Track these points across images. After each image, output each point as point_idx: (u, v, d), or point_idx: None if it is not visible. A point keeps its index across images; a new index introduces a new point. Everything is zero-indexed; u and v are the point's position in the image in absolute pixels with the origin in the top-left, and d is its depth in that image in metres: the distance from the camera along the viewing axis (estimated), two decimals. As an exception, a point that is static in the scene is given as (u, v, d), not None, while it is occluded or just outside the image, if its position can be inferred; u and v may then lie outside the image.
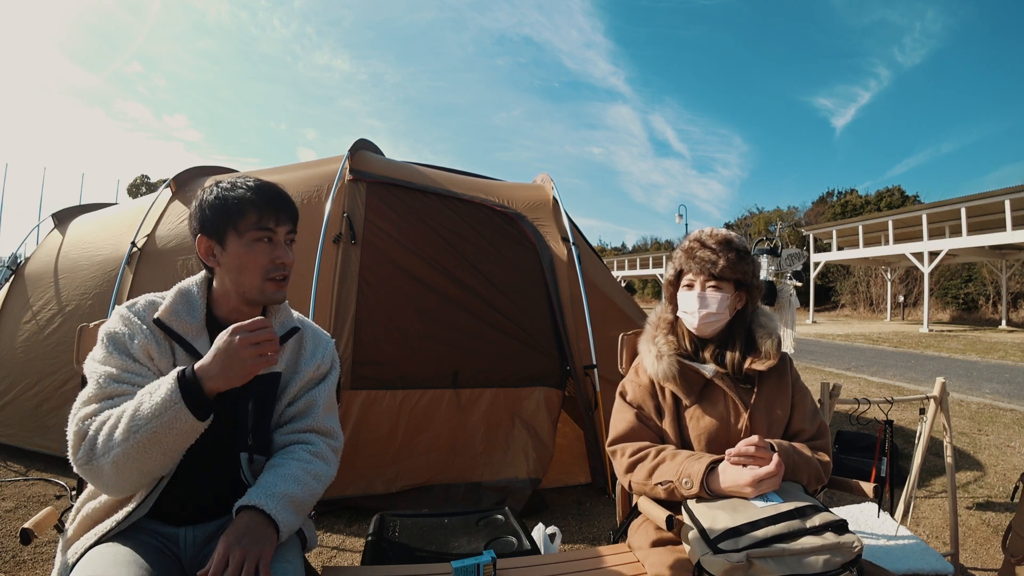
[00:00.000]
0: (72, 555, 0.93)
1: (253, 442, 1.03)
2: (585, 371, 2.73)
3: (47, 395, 3.06)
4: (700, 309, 1.25)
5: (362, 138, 3.24)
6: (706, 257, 1.26)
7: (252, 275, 1.01)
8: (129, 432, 0.83)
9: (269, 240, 1.01)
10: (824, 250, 20.52)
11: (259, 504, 0.89)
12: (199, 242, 1.01)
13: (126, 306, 1.01)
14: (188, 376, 0.85)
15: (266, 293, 1.03)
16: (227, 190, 1.01)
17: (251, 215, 0.99)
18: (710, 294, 1.25)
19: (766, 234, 26.84)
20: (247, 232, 0.99)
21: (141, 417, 0.83)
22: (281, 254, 1.02)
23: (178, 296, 1.02)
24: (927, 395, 2.10)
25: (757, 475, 1.03)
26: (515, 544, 1.37)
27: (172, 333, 0.98)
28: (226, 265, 1.01)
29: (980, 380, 6.79)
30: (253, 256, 1.00)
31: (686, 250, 1.30)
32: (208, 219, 1.00)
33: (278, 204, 1.02)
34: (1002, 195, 13.31)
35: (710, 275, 1.25)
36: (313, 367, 1.11)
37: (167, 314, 0.99)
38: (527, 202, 3.18)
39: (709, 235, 1.30)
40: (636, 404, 1.29)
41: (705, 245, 1.28)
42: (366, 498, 2.44)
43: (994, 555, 2.20)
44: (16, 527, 2.25)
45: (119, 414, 0.85)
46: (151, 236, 3.20)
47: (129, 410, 0.85)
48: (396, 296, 2.70)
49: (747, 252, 1.29)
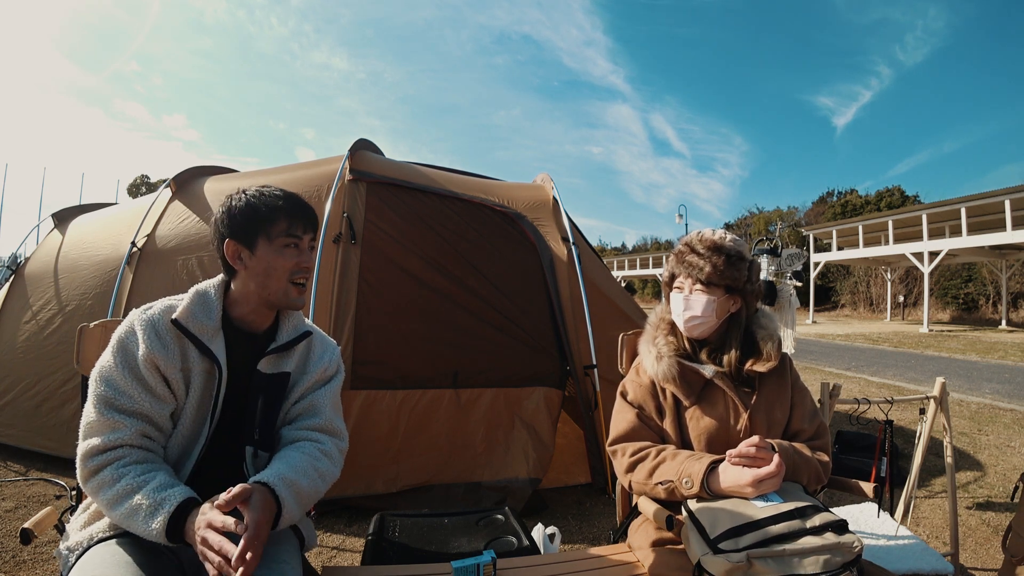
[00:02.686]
0: (72, 554, 0.93)
1: (259, 437, 1.06)
2: (585, 371, 2.73)
3: (47, 395, 3.06)
4: (684, 312, 1.26)
5: (362, 138, 3.24)
6: (694, 262, 1.26)
7: (279, 279, 1.06)
8: (112, 510, 0.91)
9: (295, 246, 1.07)
10: (824, 250, 20.52)
11: (271, 483, 0.91)
12: (227, 246, 1.05)
13: (142, 310, 1.04)
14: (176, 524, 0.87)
15: (290, 296, 1.08)
16: (257, 198, 1.06)
17: (281, 222, 1.05)
18: (695, 297, 1.25)
19: (766, 234, 26.84)
20: (277, 238, 1.05)
21: (126, 512, 0.88)
22: (305, 259, 1.09)
23: (196, 297, 1.05)
24: (927, 395, 2.10)
25: (758, 475, 1.03)
26: (515, 544, 1.37)
27: (188, 333, 1.01)
28: (252, 269, 1.05)
29: (980, 380, 6.79)
30: (281, 260, 1.05)
31: (676, 254, 1.32)
32: (239, 224, 1.05)
33: (305, 212, 1.09)
34: (1002, 195, 13.31)
35: (697, 279, 1.25)
36: (320, 369, 1.15)
37: (184, 315, 1.02)
38: (527, 202, 3.18)
39: (699, 240, 1.29)
40: (637, 404, 1.29)
41: (694, 250, 1.28)
42: (366, 498, 2.44)
43: (994, 555, 2.20)
44: (16, 527, 2.25)
45: (116, 479, 0.90)
46: (151, 236, 3.20)
47: (122, 493, 0.89)
48: (396, 296, 2.70)
49: (740, 257, 1.26)
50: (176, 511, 0.87)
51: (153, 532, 0.86)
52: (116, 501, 0.89)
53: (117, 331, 1.02)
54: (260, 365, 1.07)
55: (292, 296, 1.08)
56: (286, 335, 1.12)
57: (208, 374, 1.03)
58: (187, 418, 1.02)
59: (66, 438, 2.89)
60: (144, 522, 0.86)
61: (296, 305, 1.10)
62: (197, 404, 1.02)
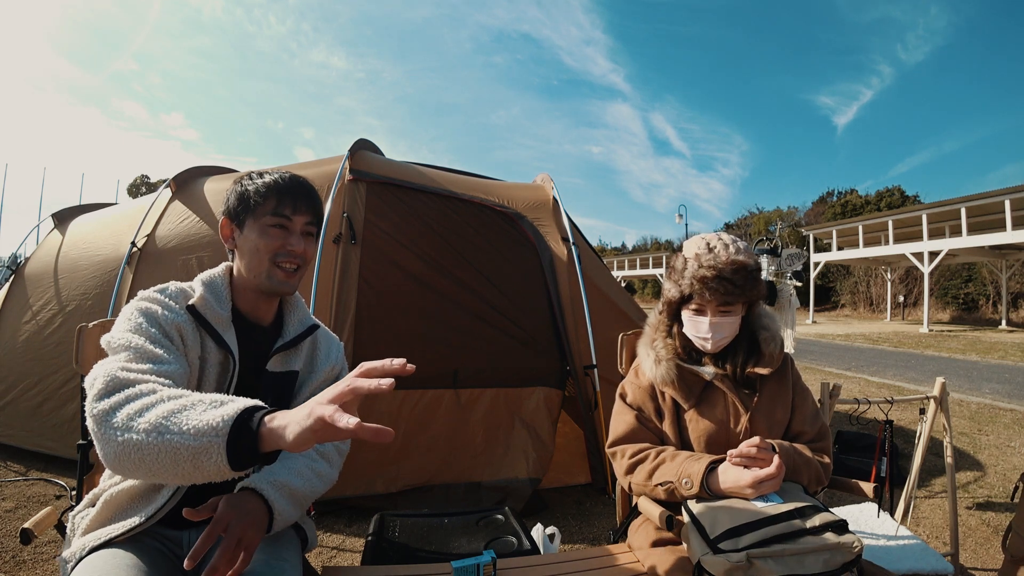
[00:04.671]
0: (73, 558, 0.92)
1: None
2: (585, 371, 2.73)
3: (47, 395, 3.06)
4: (715, 335, 1.21)
5: (362, 138, 3.24)
6: (719, 288, 1.17)
7: (261, 259, 1.01)
8: (156, 430, 0.68)
9: (283, 227, 1.02)
10: (824, 250, 20.52)
11: (260, 488, 0.89)
12: (222, 225, 1.05)
13: (156, 290, 0.98)
14: (250, 422, 0.69)
15: (273, 279, 1.02)
16: (253, 178, 1.04)
17: (270, 201, 1.02)
18: (723, 320, 1.21)
19: (766, 234, 26.83)
20: (263, 217, 1.01)
21: (177, 423, 0.68)
22: (294, 242, 1.03)
23: (207, 286, 1.01)
24: (927, 395, 2.10)
25: (758, 476, 1.03)
26: (515, 544, 1.37)
27: (205, 323, 0.97)
28: (241, 248, 1.03)
29: (980, 380, 6.79)
30: (265, 240, 1.01)
31: (700, 279, 1.18)
32: (233, 203, 1.03)
33: (296, 192, 1.03)
34: (1002, 195, 13.32)
35: (724, 301, 1.20)
36: (328, 368, 1.12)
37: (202, 303, 0.98)
38: (527, 202, 3.18)
39: (725, 262, 1.18)
40: (636, 406, 1.29)
41: (721, 275, 1.17)
42: (366, 498, 2.44)
43: (994, 555, 2.20)
44: (16, 527, 2.25)
45: (162, 397, 0.72)
46: (151, 236, 3.20)
47: (171, 404, 0.71)
48: (396, 296, 2.70)
49: (758, 269, 1.24)
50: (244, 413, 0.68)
51: (215, 421, 0.66)
52: (156, 413, 0.70)
53: (128, 307, 0.93)
54: (269, 365, 1.04)
55: (277, 278, 1.02)
56: (292, 329, 1.09)
57: (222, 366, 0.99)
58: None
59: (66, 438, 2.90)
60: (205, 412, 0.68)
61: (282, 290, 1.04)
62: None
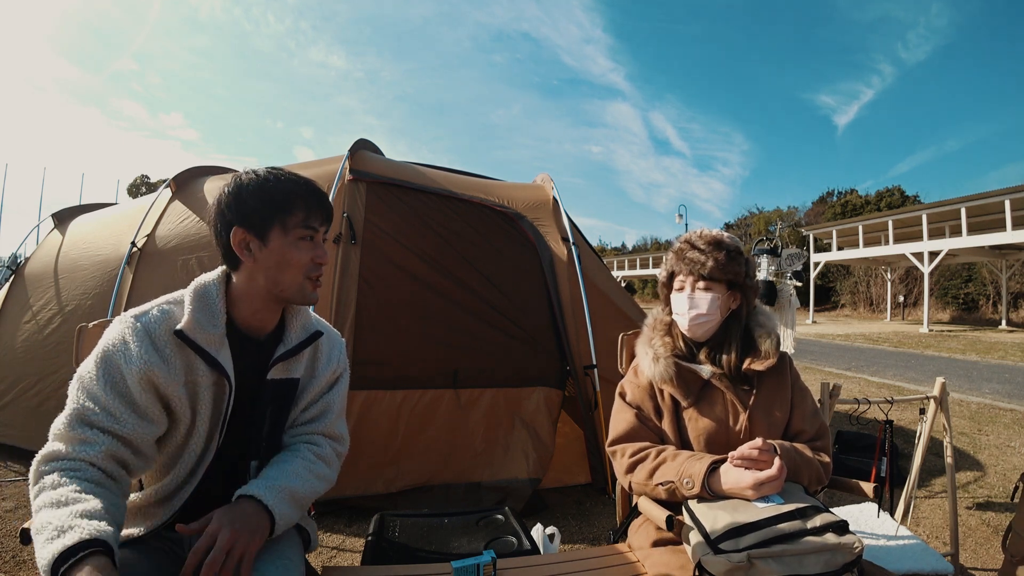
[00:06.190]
0: None
1: (265, 450, 1.03)
2: (585, 371, 2.73)
3: (47, 395, 3.05)
4: (690, 310, 1.25)
5: (362, 138, 3.24)
6: (695, 258, 1.25)
7: (294, 274, 0.96)
8: (34, 515, 0.77)
9: (311, 239, 0.97)
10: (824, 250, 20.52)
11: (258, 495, 0.89)
12: (234, 233, 0.92)
13: (134, 316, 0.91)
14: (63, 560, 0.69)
15: (305, 292, 0.98)
16: (273, 182, 0.94)
17: (299, 212, 0.95)
18: (700, 295, 1.25)
19: (766, 234, 26.83)
20: (294, 229, 0.94)
21: (38, 525, 0.73)
22: (321, 254, 0.99)
23: (198, 302, 0.93)
24: (927, 395, 2.10)
25: (759, 478, 1.03)
26: (515, 544, 1.37)
27: (194, 346, 0.91)
28: (262, 262, 0.94)
29: (980, 380, 6.79)
30: (297, 254, 0.95)
31: (676, 251, 1.30)
32: (250, 210, 0.92)
33: (324, 203, 0.99)
34: (1002, 195, 13.32)
35: (700, 276, 1.25)
36: (330, 372, 1.09)
37: (190, 325, 0.90)
38: (527, 202, 3.18)
39: (699, 236, 1.29)
40: (635, 405, 1.29)
41: (694, 246, 1.27)
42: (366, 498, 2.44)
43: (994, 555, 2.20)
44: (16, 527, 2.25)
45: (56, 486, 0.77)
46: (151, 236, 3.19)
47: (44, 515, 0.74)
48: (396, 296, 2.70)
49: (739, 252, 1.28)
50: (76, 546, 0.69)
51: (42, 561, 0.69)
52: (39, 508, 0.75)
53: (104, 338, 0.89)
54: (270, 373, 1.00)
55: (308, 291, 0.98)
56: (295, 337, 1.03)
57: (217, 387, 0.94)
58: (199, 436, 0.95)
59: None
60: (43, 545, 0.70)
61: (312, 300, 1.00)
62: (209, 420, 0.95)
